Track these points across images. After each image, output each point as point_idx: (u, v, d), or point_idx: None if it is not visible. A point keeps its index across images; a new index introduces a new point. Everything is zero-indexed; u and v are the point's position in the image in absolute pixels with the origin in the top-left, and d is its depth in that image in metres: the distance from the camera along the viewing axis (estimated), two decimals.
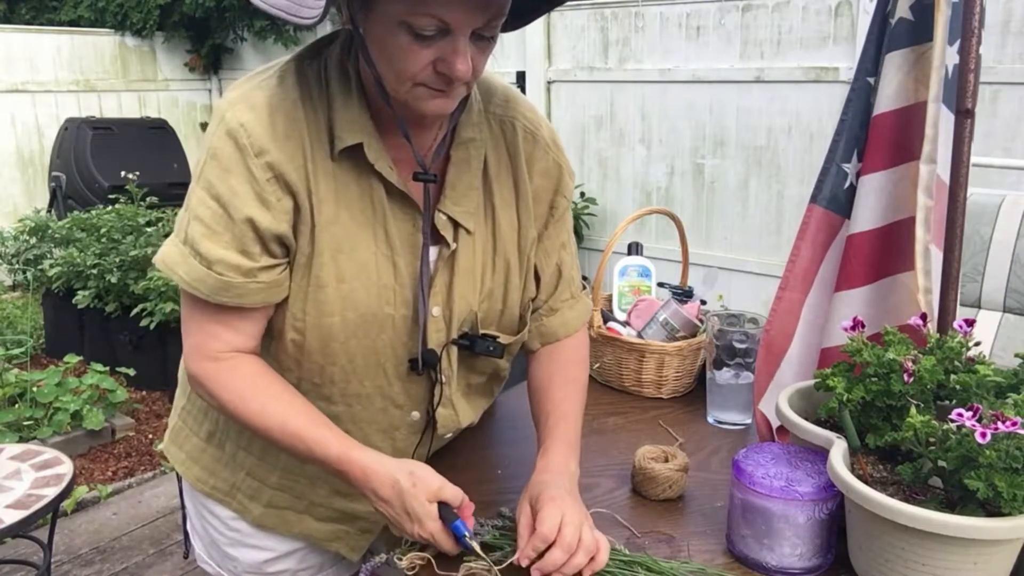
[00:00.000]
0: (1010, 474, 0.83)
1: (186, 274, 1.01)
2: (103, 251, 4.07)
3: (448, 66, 0.93)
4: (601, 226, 5.06)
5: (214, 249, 0.99)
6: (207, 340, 1.05)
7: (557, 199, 1.19)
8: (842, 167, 1.21)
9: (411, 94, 0.97)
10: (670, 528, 1.10)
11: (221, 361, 1.05)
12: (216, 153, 0.98)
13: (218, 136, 0.99)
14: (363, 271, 1.05)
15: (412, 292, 1.08)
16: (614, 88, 4.87)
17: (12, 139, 5.94)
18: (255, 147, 0.97)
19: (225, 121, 0.98)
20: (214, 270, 0.99)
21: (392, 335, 1.09)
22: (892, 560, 0.89)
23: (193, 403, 1.23)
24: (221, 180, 0.98)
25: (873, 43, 1.19)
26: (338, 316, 1.05)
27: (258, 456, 1.18)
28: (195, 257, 1.00)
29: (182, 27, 6.57)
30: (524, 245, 1.16)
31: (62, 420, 3.25)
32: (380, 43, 0.94)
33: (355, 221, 1.04)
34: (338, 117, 1.01)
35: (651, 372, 1.56)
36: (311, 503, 1.20)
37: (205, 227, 0.99)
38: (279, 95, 1.00)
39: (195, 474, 1.23)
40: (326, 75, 1.03)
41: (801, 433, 1.04)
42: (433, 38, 0.91)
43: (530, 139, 1.16)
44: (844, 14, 3.98)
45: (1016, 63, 3.50)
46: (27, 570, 2.54)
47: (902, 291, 1.17)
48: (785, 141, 4.26)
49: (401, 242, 1.06)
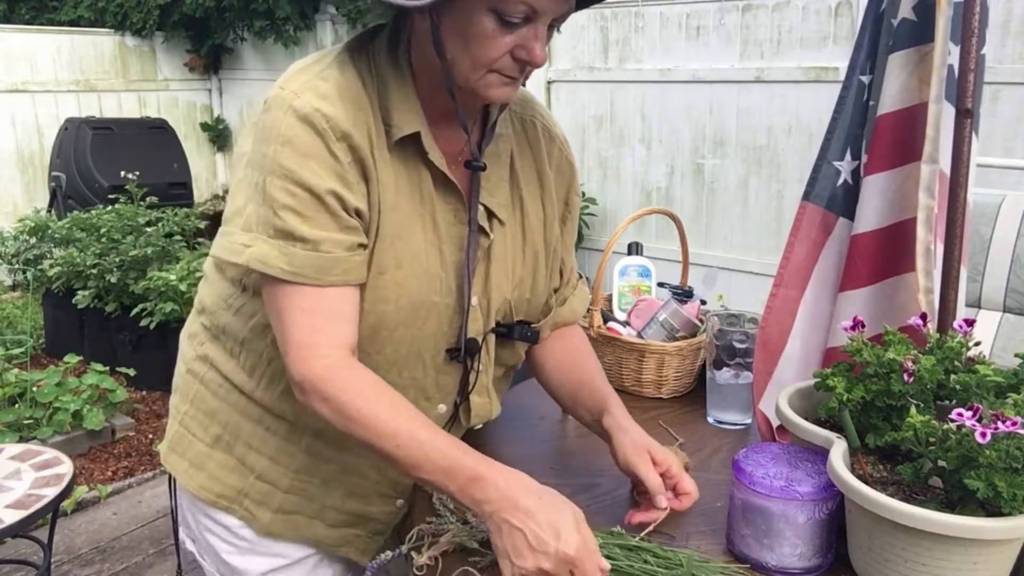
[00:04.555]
0: (1010, 474, 0.83)
1: (288, 264, 0.98)
2: (103, 251, 4.07)
3: (528, 52, 0.97)
4: (601, 226, 5.06)
5: (316, 232, 0.98)
6: (314, 336, 0.99)
7: (571, 196, 1.26)
8: (835, 165, 1.21)
9: (483, 81, 1.00)
10: (670, 528, 1.10)
11: (335, 359, 0.99)
12: (290, 139, 0.97)
13: (288, 124, 0.97)
14: (416, 259, 1.06)
15: (455, 281, 1.10)
16: (614, 88, 4.87)
17: (12, 139, 5.94)
18: (336, 131, 0.98)
19: (295, 108, 0.97)
20: (321, 250, 0.98)
21: (435, 324, 1.10)
22: (892, 560, 0.89)
23: (196, 407, 1.20)
24: (301, 166, 0.97)
25: (866, 41, 1.19)
26: (392, 304, 1.05)
27: (271, 457, 1.15)
28: (295, 244, 0.98)
29: (182, 27, 6.56)
30: (550, 236, 1.21)
31: (62, 420, 3.25)
32: (460, 29, 0.96)
33: (410, 209, 1.06)
34: (394, 107, 1.03)
35: (651, 372, 1.56)
36: (323, 506, 1.17)
37: (297, 214, 0.98)
38: (344, 84, 1.01)
39: (199, 482, 1.18)
40: (377, 67, 1.04)
41: (801, 433, 1.04)
42: (518, 25, 0.95)
43: (548, 136, 1.23)
44: (844, 14, 3.98)
45: (1016, 63, 3.51)
46: (27, 570, 2.54)
47: (908, 291, 1.17)
48: (785, 141, 4.26)
49: (446, 231, 1.09)
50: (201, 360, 1.20)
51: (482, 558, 1.01)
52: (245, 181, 1.04)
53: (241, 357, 1.15)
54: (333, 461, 1.15)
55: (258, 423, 1.15)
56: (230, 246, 1.04)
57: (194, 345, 1.22)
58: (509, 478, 0.95)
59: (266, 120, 1.00)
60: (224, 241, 1.06)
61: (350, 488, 1.17)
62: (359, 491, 1.17)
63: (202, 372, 1.19)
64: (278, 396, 1.13)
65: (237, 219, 1.04)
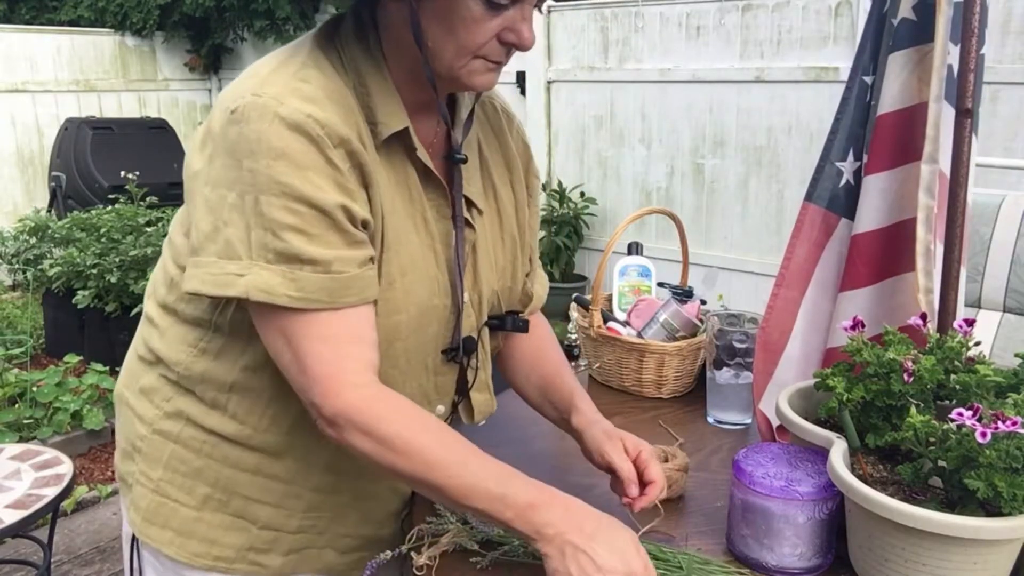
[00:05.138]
0: (1010, 474, 0.83)
1: (299, 291, 0.89)
2: (103, 251, 4.07)
3: (517, 35, 0.92)
4: (601, 226, 5.07)
5: (324, 251, 0.89)
6: (344, 363, 0.91)
7: (531, 178, 1.21)
8: (837, 166, 1.21)
9: (466, 69, 0.94)
10: (670, 528, 1.10)
11: (368, 387, 0.91)
12: (283, 152, 0.87)
13: (277, 135, 0.87)
14: (416, 263, 1.01)
15: (449, 279, 1.05)
16: (614, 88, 4.87)
17: (12, 139, 5.95)
18: (332, 137, 0.89)
19: (283, 117, 0.87)
20: (333, 271, 0.90)
21: (437, 327, 1.05)
22: (892, 560, 0.89)
23: (173, 470, 1.06)
24: (300, 179, 0.88)
25: (869, 42, 1.19)
26: (404, 313, 1.00)
27: (275, 505, 1.06)
28: (303, 268, 0.89)
29: (182, 27, 6.57)
30: (522, 220, 1.18)
31: (62, 420, 3.25)
32: (443, 14, 0.90)
33: (403, 210, 1.00)
34: (376, 103, 0.96)
35: (651, 372, 1.56)
36: (336, 535, 1.11)
37: (302, 234, 0.88)
38: (328, 84, 0.93)
39: (192, 550, 1.06)
40: (351, 60, 0.97)
41: (801, 433, 1.04)
42: (506, 7, 0.90)
43: (506, 116, 1.19)
44: (844, 14, 3.98)
45: (1016, 63, 3.51)
46: (27, 570, 2.54)
47: (908, 291, 1.17)
48: (785, 141, 4.26)
49: (436, 228, 1.04)
50: (172, 418, 1.06)
51: (482, 558, 1.01)
52: (213, 203, 0.91)
53: (230, 405, 1.03)
54: (346, 491, 1.09)
55: (255, 473, 1.05)
56: (214, 278, 0.90)
57: (156, 402, 1.07)
58: (568, 503, 0.92)
59: (245, 132, 0.88)
60: (202, 274, 0.91)
61: (364, 514, 1.12)
62: (374, 515, 1.13)
63: (176, 431, 1.05)
64: (284, 435, 1.04)
65: (210, 247, 0.91)
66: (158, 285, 1.08)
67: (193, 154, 0.96)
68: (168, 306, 1.05)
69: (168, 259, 1.06)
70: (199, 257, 0.92)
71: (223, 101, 0.93)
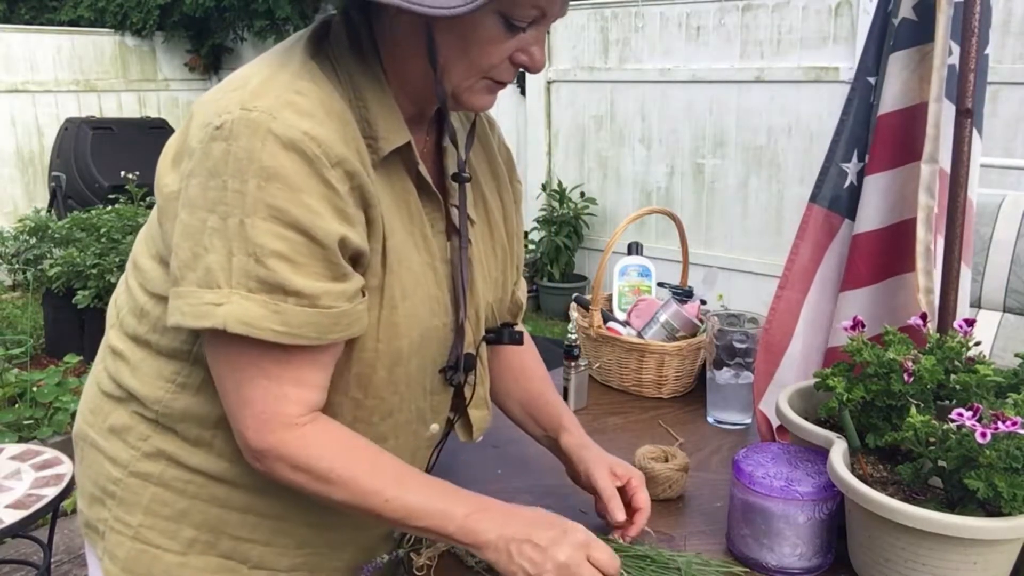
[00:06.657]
0: (1010, 474, 0.83)
1: (283, 325, 0.82)
2: (103, 251, 4.08)
3: (529, 56, 0.91)
4: (601, 226, 5.07)
5: (311, 283, 0.83)
6: (279, 404, 0.86)
7: (515, 185, 1.19)
8: (842, 167, 1.21)
9: (474, 87, 0.92)
10: (670, 528, 1.10)
11: (304, 426, 0.88)
12: (275, 172, 0.80)
13: (270, 153, 0.80)
14: (418, 284, 0.96)
15: (450, 297, 1.01)
16: (614, 88, 4.87)
17: (12, 139, 5.95)
18: (331, 156, 0.83)
19: (277, 134, 0.81)
20: (320, 305, 0.84)
21: (436, 348, 1.01)
22: (892, 560, 0.89)
23: (155, 515, 0.98)
24: (292, 202, 0.81)
25: (874, 43, 1.19)
26: (406, 338, 0.95)
27: (266, 543, 1.00)
28: (286, 299, 0.82)
29: (182, 27, 6.58)
30: (510, 228, 1.15)
31: (62, 420, 3.25)
32: (460, 34, 0.87)
33: (403, 230, 0.95)
34: (376, 117, 0.91)
35: (651, 372, 1.56)
36: (332, 568, 1.06)
37: (289, 262, 0.82)
38: (325, 97, 0.86)
39: None
40: (346, 72, 0.91)
41: (801, 433, 1.04)
42: (523, 28, 0.89)
43: (488, 122, 1.16)
44: (844, 14, 3.98)
45: (1016, 63, 3.51)
46: (27, 570, 2.54)
47: (908, 291, 1.17)
48: (785, 141, 4.26)
49: (435, 245, 1.00)
50: (151, 458, 0.97)
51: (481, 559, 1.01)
52: (192, 228, 0.83)
53: (216, 442, 0.96)
54: (343, 526, 1.04)
55: (246, 512, 0.98)
56: (193, 309, 0.83)
57: (131, 442, 0.98)
58: (508, 508, 0.93)
59: (233, 150, 0.81)
60: (182, 305, 0.84)
61: (360, 544, 1.07)
62: (369, 544, 1.08)
63: (157, 472, 0.97)
64: None
65: (190, 275, 0.83)
66: (125, 314, 0.99)
67: (165, 171, 0.90)
68: (140, 338, 0.97)
69: (135, 286, 0.98)
70: (179, 287, 0.85)
71: (203, 115, 0.85)
